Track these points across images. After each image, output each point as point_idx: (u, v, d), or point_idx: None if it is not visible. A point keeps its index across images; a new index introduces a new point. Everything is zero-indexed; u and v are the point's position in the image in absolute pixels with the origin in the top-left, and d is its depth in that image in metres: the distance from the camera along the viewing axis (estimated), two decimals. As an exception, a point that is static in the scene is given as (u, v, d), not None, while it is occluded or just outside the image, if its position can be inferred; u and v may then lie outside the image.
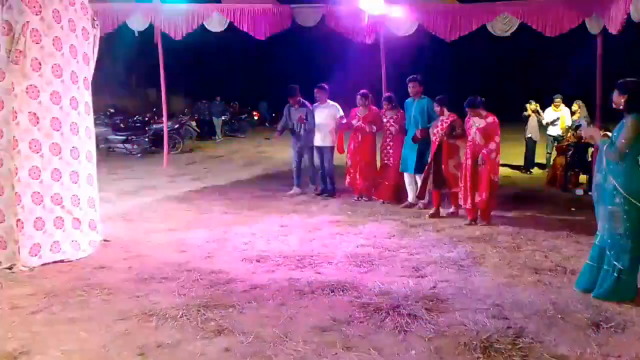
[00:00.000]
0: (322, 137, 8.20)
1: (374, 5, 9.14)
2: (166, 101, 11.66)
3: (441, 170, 6.79)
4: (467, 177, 6.47)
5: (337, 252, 5.37)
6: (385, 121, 7.77)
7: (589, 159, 8.87)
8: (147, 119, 16.02)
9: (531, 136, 11.09)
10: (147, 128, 14.89)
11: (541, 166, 11.25)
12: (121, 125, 15.21)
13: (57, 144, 5.06)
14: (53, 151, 5.02)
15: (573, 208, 7.39)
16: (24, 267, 4.74)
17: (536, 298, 4.11)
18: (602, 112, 8.71)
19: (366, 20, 9.49)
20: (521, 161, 11.29)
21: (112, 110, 17.80)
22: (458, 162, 6.73)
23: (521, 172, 10.97)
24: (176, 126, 15.17)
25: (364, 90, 7.96)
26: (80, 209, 5.32)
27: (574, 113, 10.40)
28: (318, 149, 8.28)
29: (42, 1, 4.85)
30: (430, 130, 7.01)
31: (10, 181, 4.72)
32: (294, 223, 6.60)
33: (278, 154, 13.85)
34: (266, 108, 25.90)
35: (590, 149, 8.85)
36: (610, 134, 4.12)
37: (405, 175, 7.51)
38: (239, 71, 27.37)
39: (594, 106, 9.26)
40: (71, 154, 5.21)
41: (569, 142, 9.33)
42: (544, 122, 10.87)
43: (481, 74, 25.15)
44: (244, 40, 10.91)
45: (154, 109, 16.96)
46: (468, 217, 6.57)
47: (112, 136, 14.08)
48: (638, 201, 3.87)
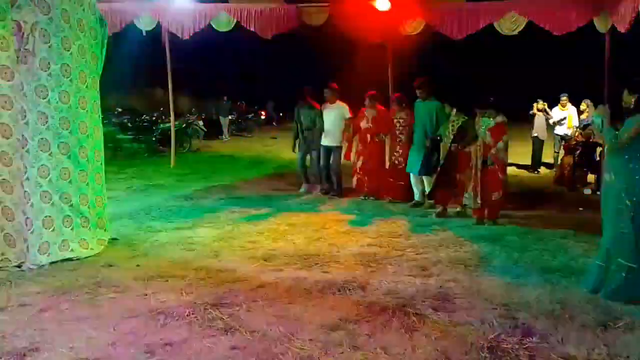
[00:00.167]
0: (331, 138, 8.20)
1: (381, 4, 9.13)
2: (173, 101, 11.68)
3: (452, 174, 6.78)
4: (477, 177, 6.46)
5: (344, 252, 5.37)
6: (395, 122, 7.77)
7: (597, 158, 8.82)
8: (155, 119, 16.06)
9: (537, 135, 11.05)
10: (155, 127, 14.94)
11: (549, 165, 11.19)
12: (129, 124, 15.26)
13: (66, 143, 5.09)
14: (62, 150, 5.05)
15: (581, 207, 7.35)
16: (33, 265, 4.78)
17: (543, 298, 4.10)
18: (611, 111, 8.62)
19: (373, 19, 9.47)
20: (528, 160, 11.24)
21: (120, 109, 17.85)
22: (469, 170, 6.60)
23: (528, 172, 10.92)
24: (183, 125, 15.21)
25: (372, 91, 7.96)
26: (88, 208, 5.35)
27: (583, 112, 10.34)
28: (326, 149, 8.28)
29: (51, 1, 4.88)
30: (442, 133, 6.97)
31: (19, 180, 4.75)
32: (301, 222, 6.61)
33: (285, 153, 13.83)
34: (273, 107, 25.93)
35: (598, 149, 8.80)
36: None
37: (411, 175, 7.51)
38: (246, 71, 27.42)
39: (603, 104, 9.18)
40: (80, 153, 5.24)
41: (577, 142, 9.28)
42: (551, 122, 10.81)
43: (488, 73, 25.03)
44: (251, 39, 10.90)
45: (162, 109, 16.98)
46: (475, 215, 6.57)
47: (120, 135, 14.14)
48: None
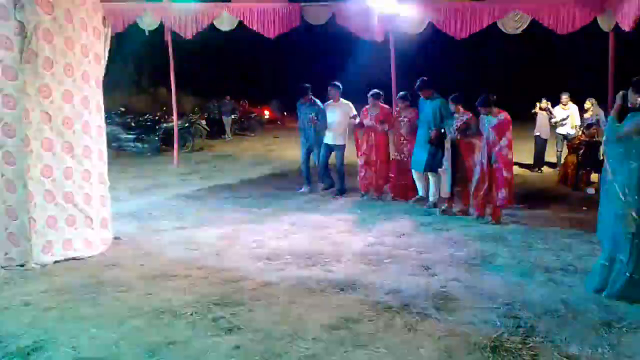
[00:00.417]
0: (334, 136, 8.19)
1: (384, 2, 9.12)
2: (176, 100, 11.69)
3: (463, 167, 6.80)
4: (482, 175, 6.47)
5: (347, 251, 5.37)
6: (399, 119, 7.77)
7: (601, 158, 8.79)
8: (158, 118, 16.07)
9: (540, 134, 11.01)
10: (158, 127, 14.95)
11: (552, 165, 11.16)
12: (132, 124, 15.28)
13: (69, 143, 5.10)
14: (65, 150, 5.07)
15: (585, 207, 7.32)
16: (37, 265, 4.80)
17: (547, 297, 4.09)
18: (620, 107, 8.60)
19: (376, 18, 9.46)
20: (531, 159, 11.21)
21: (123, 109, 17.85)
22: (474, 161, 6.74)
23: (531, 171, 10.89)
24: (186, 125, 15.20)
25: (376, 89, 7.96)
26: (92, 207, 5.36)
27: (587, 110, 10.31)
28: (328, 147, 8.27)
29: (54, 1, 4.89)
30: (446, 128, 7.00)
31: (22, 179, 4.76)
32: (304, 221, 6.61)
33: (287, 153, 13.86)
34: (278, 106, 25.94)
35: (602, 148, 8.77)
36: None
37: (414, 172, 7.50)
38: (249, 70, 27.42)
39: (606, 103, 9.17)
40: (83, 153, 5.26)
41: (581, 141, 9.25)
42: (553, 122, 10.78)
43: (492, 72, 24.99)
44: (254, 38, 10.91)
45: (164, 108, 17.01)
46: (476, 212, 6.61)
47: (123, 135, 14.15)
48: None
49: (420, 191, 7.53)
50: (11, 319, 3.74)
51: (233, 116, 19.65)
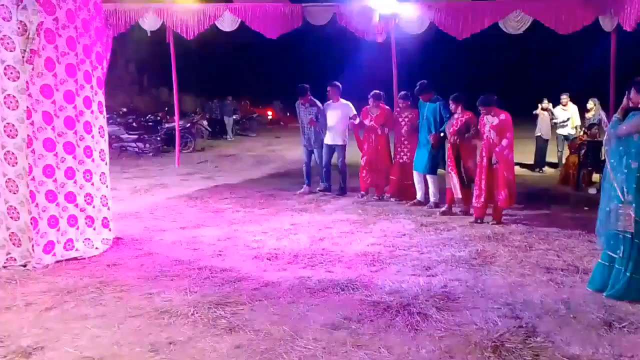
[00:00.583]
0: (334, 136, 8.19)
1: (385, 3, 9.12)
2: (178, 100, 11.72)
3: (466, 169, 6.80)
4: (482, 176, 6.46)
5: (348, 251, 5.37)
6: (400, 120, 7.77)
7: (603, 158, 8.78)
8: (159, 118, 16.12)
9: (541, 134, 10.99)
10: (159, 127, 14.98)
11: (553, 165, 11.15)
12: (133, 124, 15.31)
13: (71, 143, 5.12)
14: (67, 150, 5.08)
15: (586, 207, 7.31)
16: (38, 265, 4.81)
17: (548, 297, 4.09)
18: (616, 110, 8.58)
19: (377, 18, 9.47)
20: (532, 160, 11.20)
21: (125, 109, 17.92)
22: (475, 162, 6.72)
23: (532, 171, 10.88)
24: (188, 125, 15.24)
25: (376, 90, 7.95)
26: (93, 207, 5.37)
27: (590, 110, 10.30)
28: (329, 147, 8.27)
29: (56, 1, 4.91)
30: (446, 129, 7.00)
31: (24, 179, 4.78)
32: (305, 221, 6.61)
33: (288, 153, 13.87)
34: (280, 107, 25.98)
35: (603, 148, 8.74)
36: None
37: (414, 173, 7.50)
38: (251, 70, 27.45)
39: (608, 103, 9.15)
40: (85, 153, 5.27)
41: (583, 141, 9.24)
42: (553, 122, 10.76)
43: (493, 72, 24.98)
44: (256, 39, 10.92)
45: (166, 108, 17.08)
46: (474, 215, 6.58)
47: (125, 135, 14.17)
48: None
49: (418, 195, 7.52)
50: (13, 319, 3.75)
51: (234, 116, 19.69)
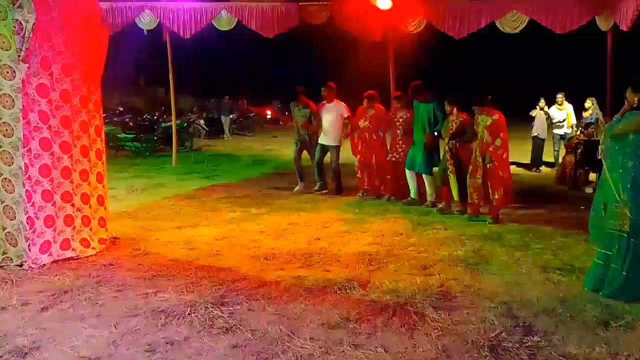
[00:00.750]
0: (328, 137, 8.15)
1: (382, 2, 9.12)
2: (175, 100, 11.70)
3: (465, 171, 6.80)
4: (476, 175, 6.48)
5: (345, 250, 5.37)
6: (395, 120, 7.75)
7: (599, 157, 8.79)
8: (156, 118, 16.10)
9: (538, 134, 11.01)
10: (156, 126, 14.96)
11: (550, 164, 11.17)
12: (130, 123, 15.29)
13: (67, 142, 5.10)
14: (63, 149, 5.06)
15: (582, 206, 7.31)
16: (34, 264, 4.79)
17: (544, 296, 4.10)
18: (613, 109, 8.63)
19: (374, 17, 9.47)
20: (529, 159, 11.22)
21: (121, 108, 17.92)
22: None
23: (529, 171, 10.90)
24: (185, 124, 15.22)
25: (371, 91, 7.94)
26: (90, 207, 5.36)
27: (587, 110, 10.32)
28: (322, 147, 8.23)
29: (53, 0, 4.89)
30: (442, 131, 7.00)
31: (20, 179, 4.76)
32: (302, 221, 6.61)
33: (286, 152, 13.83)
34: (278, 106, 25.96)
35: (600, 147, 8.77)
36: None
37: (407, 172, 7.48)
38: (249, 69, 27.42)
39: (604, 102, 9.19)
40: (81, 152, 5.25)
41: (579, 140, 9.26)
42: (549, 122, 10.78)
43: (490, 71, 25.01)
44: (253, 38, 10.91)
45: (163, 108, 17.05)
46: (469, 211, 6.61)
47: (122, 135, 14.16)
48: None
49: (412, 193, 7.52)
50: (9, 319, 3.74)
51: (232, 116, 19.68)
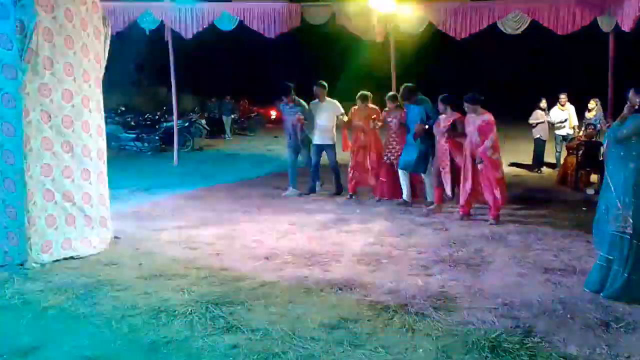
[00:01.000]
0: (322, 136, 8.05)
1: (384, 3, 9.12)
2: (176, 99, 11.70)
3: (458, 168, 6.82)
4: (466, 175, 6.50)
5: (346, 251, 5.37)
6: (389, 120, 7.71)
7: (601, 158, 8.79)
8: (158, 117, 16.11)
9: (540, 136, 10.98)
10: (158, 126, 14.98)
11: (551, 165, 11.15)
12: (132, 123, 15.31)
13: (69, 142, 5.10)
14: (64, 149, 5.07)
15: (584, 207, 7.32)
16: (36, 264, 4.80)
17: (545, 297, 4.10)
18: (615, 110, 8.63)
19: (376, 18, 9.47)
20: (530, 160, 11.20)
21: (123, 108, 17.90)
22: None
23: (532, 172, 10.88)
24: (186, 124, 15.22)
25: (364, 92, 7.88)
26: (91, 206, 5.36)
27: (591, 110, 10.30)
28: (318, 147, 8.14)
29: (54, 0, 4.90)
30: (434, 128, 7.01)
31: (22, 178, 4.77)
32: (303, 221, 6.61)
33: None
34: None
35: (602, 148, 8.76)
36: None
37: (400, 173, 7.44)
38: (250, 69, 27.41)
39: (606, 103, 9.19)
40: (82, 152, 5.26)
41: (580, 141, 9.24)
42: (550, 123, 10.75)
43: (492, 72, 25.00)
44: (255, 38, 10.91)
45: (164, 108, 17.04)
46: (460, 212, 6.63)
47: (123, 134, 14.17)
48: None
49: (404, 194, 7.49)
50: (10, 318, 3.75)
51: (233, 116, 19.67)
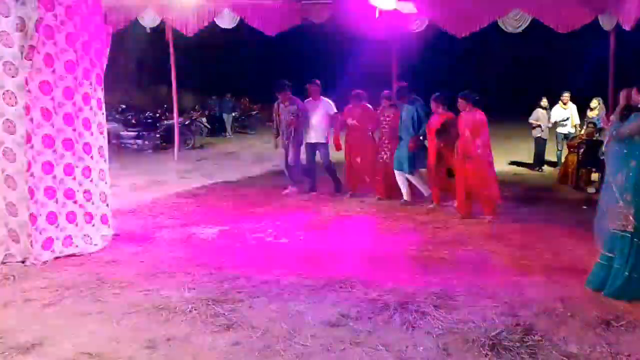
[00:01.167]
0: (316, 134, 7.99)
1: (384, 1, 9.10)
2: (177, 97, 11.70)
3: (451, 167, 6.82)
4: (460, 175, 6.52)
5: (346, 248, 5.38)
6: (382, 119, 7.69)
7: (601, 157, 8.78)
8: (158, 115, 16.08)
9: (541, 135, 10.97)
10: (158, 124, 14.96)
11: (552, 164, 11.15)
12: (132, 121, 15.28)
13: (70, 140, 5.11)
14: (66, 146, 5.07)
15: (585, 206, 7.32)
16: (37, 261, 4.81)
17: (546, 296, 4.10)
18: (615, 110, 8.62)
19: (376, 16, 9.45)
20: (530, 159, 11.20)
21: (124, 106, 17.87)
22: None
23: (532, 170, 10.88)
24: (187, 122, 15.22)
25: (358, 90, 7.88)
26: (92, 204, 5.37)
27: (593, 109, 10.28)
28: (311, 146, 8.08)
29: (56, -3, 4.90)
30: (425, 129, 7.02)
31: (23, 176, 4.77)
32: (303, 219, 6.61)
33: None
34: None
35: (602, 146, 8.75)
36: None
37: (396, 173, 7.43)
38: (251, 67, 27.37)
39: (607, 102, 9.18)
40: (83, 150, 5.27)
41: (581, 140, 9.24)
42: (553, 121, 10.74)
43: (493, 71, 24.98)
44: (255, 36, 10.91)
45: (165, 105, 17.02)
46: (460, 212, 6.64)
47: (124, 132, 14.16)
48: None
49: (404, 194, 7.45)
50: (11, 315, 3.76)
51: (234, 114, 19.66)
